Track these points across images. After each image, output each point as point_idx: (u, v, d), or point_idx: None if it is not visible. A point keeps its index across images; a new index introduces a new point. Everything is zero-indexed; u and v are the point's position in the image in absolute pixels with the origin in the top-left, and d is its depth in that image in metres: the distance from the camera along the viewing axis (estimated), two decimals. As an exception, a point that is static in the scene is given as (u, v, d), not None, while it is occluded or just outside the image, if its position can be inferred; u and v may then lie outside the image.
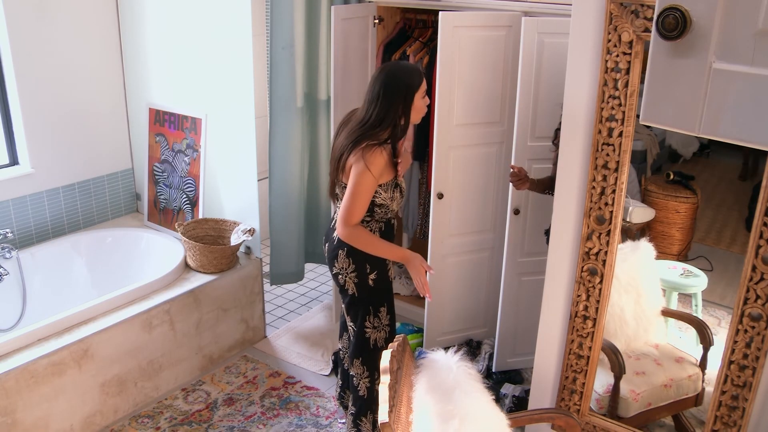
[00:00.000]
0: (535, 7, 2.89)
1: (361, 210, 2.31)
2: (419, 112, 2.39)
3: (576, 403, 2.34)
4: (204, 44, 3.31)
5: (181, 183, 3.58)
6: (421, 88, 2.35)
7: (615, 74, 1.95)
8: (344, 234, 2.33)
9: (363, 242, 2.36)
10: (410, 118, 2.37)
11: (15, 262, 3.12)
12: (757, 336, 1.90)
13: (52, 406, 2.63)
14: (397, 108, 2.31)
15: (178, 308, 3.05)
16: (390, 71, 2.34)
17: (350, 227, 2.31)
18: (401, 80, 2.31)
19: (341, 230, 2.33)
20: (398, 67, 2.40)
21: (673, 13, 1.16)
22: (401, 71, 2.35)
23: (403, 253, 2.42)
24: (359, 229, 2.34)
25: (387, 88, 2.30)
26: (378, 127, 2.30)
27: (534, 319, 2.46)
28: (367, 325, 2.49)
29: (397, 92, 2.30)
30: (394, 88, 2.30)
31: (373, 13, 3.39)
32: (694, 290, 2.67)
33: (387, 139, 2.31)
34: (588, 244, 2.16)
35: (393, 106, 2.30)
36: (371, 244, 2.37)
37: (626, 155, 2.02)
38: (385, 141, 2.30)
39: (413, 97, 2.33)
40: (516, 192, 2.98)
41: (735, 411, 2.01)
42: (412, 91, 2.32)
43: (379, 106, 2.30)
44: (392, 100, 2.30)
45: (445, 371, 1.88)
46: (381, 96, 2.30)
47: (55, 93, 3.35)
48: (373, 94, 2.32)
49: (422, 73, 2.40)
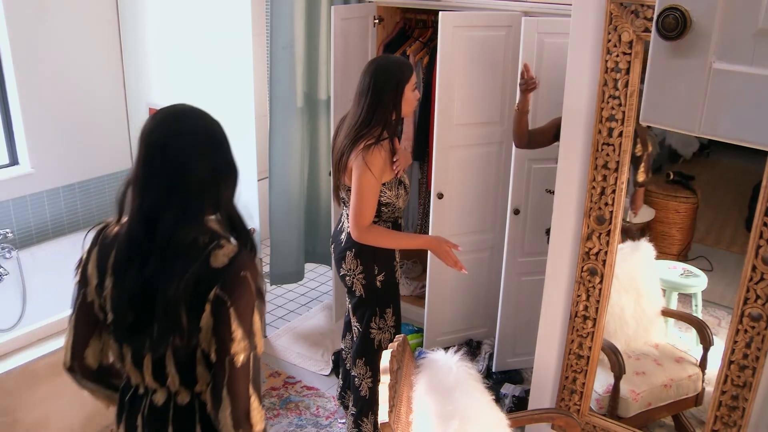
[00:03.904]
0: (535, 7, 2.89)
1: (370, 210, 2.31)
2: (410, 104, 2.37)
3: (576, 403, 2.34)
4: (204, 44, 3.31)
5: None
6: (411, 80, 2.34)
7: (615, 74, 1.95)
8: (360, 237, 2.32)
9: (381, 239, 2.35)
10: (401, 110, 2.35)
11: (15, 262, 3.12)
12: (757, 336, 1.90)
13: (52, 406, 2.63)
14: (388, 101, 2.30)
15: (178, 308, 3.05)
16: (379, 65, 2.34)
17: (363, 229, 2.31)
18: (391, 73, 2.31)
19: (356, 234, 2.32)
20: (387, 60, 2.39)
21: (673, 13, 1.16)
22: (390, 64, 2.34)
23: (424, 239, 2.43)
24: (373, 228, 2.34)
25: (376, 82, 2.30)
26: (371, 123, 2.29)
27: (534, 319, 2.46)
28: (372, 326, 2.49)
29: (387, 85, 2.29)
30: (384, 81, 2.29)
31: (373, 13, 3.39)
32: (694, 290, 2.67)
33: (382, 134, 2.30)
34: (588, 244, 2.16)
35: (383, 99, 2.29)
36: (389, 238, 2.37)
37: (626, 155, 2.02)
38: (380, 137, 2.29)
39: (403, 89, 2.32)
40: (516, 192, 2.98)
41: (735, 411, 2.01)
42: (402, 83, 2.31)
43: (369, 99, 2.30)
44: (382, 93, 2.29)
45: (445, 371, 1.88)
46: (371, 90, 2.30)
47: (55, 93, 3.35)
48: (362, 88, 2.32)
49: (411, 66, 2.40)
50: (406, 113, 2.41)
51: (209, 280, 1.33)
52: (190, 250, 1.35)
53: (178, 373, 1.39)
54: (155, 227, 1.34)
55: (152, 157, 1.34)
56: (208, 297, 1.33)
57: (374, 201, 2.31)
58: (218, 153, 1.40)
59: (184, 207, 1.34)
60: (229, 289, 1.33)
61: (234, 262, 1.35)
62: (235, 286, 1.34)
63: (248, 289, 1.35)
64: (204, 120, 1.41)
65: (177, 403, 1.44)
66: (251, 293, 1.35)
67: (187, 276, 1.33)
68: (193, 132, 1.37)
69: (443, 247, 2.37)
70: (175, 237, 1.34)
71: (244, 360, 1.34)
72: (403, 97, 2.33)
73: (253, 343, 1.36)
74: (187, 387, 1.43)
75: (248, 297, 1.35)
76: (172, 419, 1.44)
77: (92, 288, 1.44)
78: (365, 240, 2.33)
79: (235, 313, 1.33)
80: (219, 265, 1.34)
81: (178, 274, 1.33)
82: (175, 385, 1.41)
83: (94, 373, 1.55)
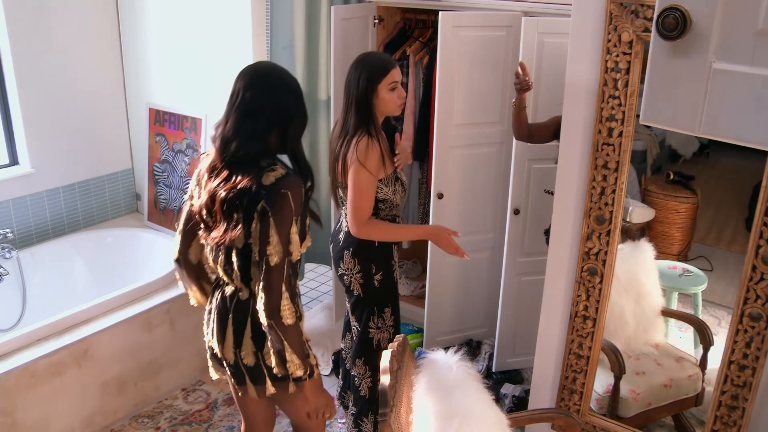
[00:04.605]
0: (535, 7, 2.89)
1: (368, 205, 2.31)
2: (388, 103, 2.31)
3: (576, 403, 2.34)
4: (204, 44, 3.31)
5: (181, 183, 3.58)
6: (385, 79, 2.27)
7: (615, 74, 1.95)
8: (359, 232, 2.32)
9: (380, 233, 2.35)
10: (378, 109, 2.31)
11: (15, 262, 3.12)
12: (757, 336, 1.90)
13: (52, 406, 2.63)
14: (363, 100, 2.28)
15: (178, 308, 3.05)
16: (354, 62, 2.33)
17: (362, 223, 2.31)
18: (360, 72, 2.28)
19: (355, 230, 2.32)
20: (365, 58, 2.35)
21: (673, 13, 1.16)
22: (365, 62, 2.31)
23: (423, 229, 2.43)
24: (372, 222, 2.33)
25: (348, 80, 2.30)
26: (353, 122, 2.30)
27: (534, 319, 2.46)
28: (370, 326, 2.49)
29: (357, 85, 2.27)
30: (356, 81, 2.28)
31: (373, 13, 3.39)
32: (694, 290, 2.67)
33: (369, 132, 2.28)
34: (588, 244, 2.16)
35: (357, 98, 2.28)
36: (389, 231, 2.37)
37: (626, 155, 2.02)
38: (369, 132, 2.28)
39: (375, 89, 2.27)
40: (516, 192, 2.98)
41: (735, 411, 2.01)
42: (371, 83, 2.27)
43: (345, 99, 2.31)
44: (356, 92, 2.28)
45: (445, 371, 1.87)
46: (346, 88, 2.31)
47: (55, 93, 3.35)
48: (344, 85, 2.33)
49: (388, 64, 2.31)
50: (388, 112, 2.36)
51: (259, 194, 1.70)
52: (250, 167, 1.74)
53: (239, 270, 1.79)
54: (230, 147, 1.74)
55: (236, 95, 1.77)
56: (257, 208, 1.70)
57: (371, 196, 2.31)
58: (287, 97, 1.78)
59: (252, 131, 1.74)
60: (272, 203, 1.69)
61: (279, 182, 1.72)
62: (277, 201, 1.69)
63: (287, 205, 1.70)
64: (278, 72, 1.81)
65: (239, 297, 1.86)
66: (290, 209, 1.71)
67: (241, 186, 1.70)
68: (268, 78, 1.78)
69: (443, 234, 2.36)
70: (240, 154, 1.74)
71: (278, 261, 1.69)
72: (378, 97, 2.29)
73: (288, 250, 1.72)
74: (246, 285, 1.83)
75: (287, 211, 1.70)
76: (233, 309, 1.86)
77: (193, 200, 1.88)
78: (365, 234, 2.33)
79: (274, 222, 1.69)
80: (267, 183, 1.71)
81: (233, 181, 1.71)
82: (239, 281, 1.82)
83: (194, 268, 2.00)
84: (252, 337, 1.84)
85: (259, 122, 1.75)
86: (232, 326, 1.86)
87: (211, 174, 1.79)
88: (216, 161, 1.79)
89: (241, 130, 1.74)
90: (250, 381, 1.89)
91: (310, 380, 1.82)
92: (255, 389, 1.92)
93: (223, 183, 1.74)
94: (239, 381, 1.92)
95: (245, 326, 1.85)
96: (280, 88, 1.78)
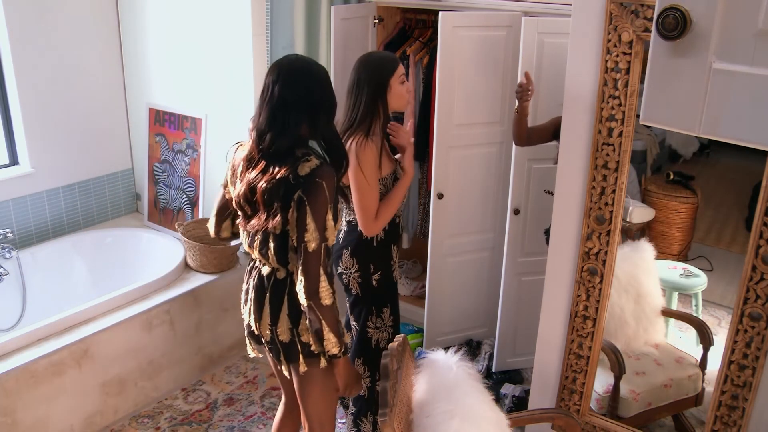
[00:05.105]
0: (535, 7, 2.89)
1: (373, 202, 2.31)
2: (399, 97, 2.35)
3: (576, 403, 2.34)
4: (204, 44, 3.31)
5: (181, 183, 3.58)
6: (396, 72, 2.33)
7: (615, 74, 1.95)
8: (372, 228, 2.33)
9: (388, 213, 2.35)
10: (389, 104, 2.34)
11: (15, 262, 3.12)
12: (757, 336, 1.90)
13: (52, 406, 2.63)
14: (373, 96, 2.30)
15: (178, 308, 3.05)
16: (362, 61, 2.35)
17: (372, 219, 2.32)
18: (373, 67, 2.31)
19: (368, 229, 2.33)
20: (371, 56, 2.41)
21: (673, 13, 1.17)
22: (372, 59, 2.35)
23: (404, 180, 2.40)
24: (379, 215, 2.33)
25: (360, 78, 2.31)
26: (356, 120, 2.30)
27: (534, 319, 2.46)
28: (369, 326, 2.49)
29: (371, 80, 2.29)
30: (367, 77, 2.30)
31: (373, 13, 3.39)
32: (694, 290, 2.67)
33: (371, 128, 2.29)
34: (588, 244, 2.16)
35: (368, 95, 2.30)
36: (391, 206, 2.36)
37: (626, 155, 2.02)
38: (369, 131, 2.29)
39: (388, 83, 2.31)
40: (516, 192, 2.98)
41: (735, 411, 2.01)
42: (385, 77, 2.31)
43: (355, 97, 2.31)
44: (366, 89, 2.29)
45: (445, 371, 1.88)
46: (355, 86, 2.31)
47: (55, 93, 3.35)
48: (349, 86, 2.34)
49: (396, 58, 2.39)
50: (398, 107, 2.39)
51: (295, 184, 1.80)
52: (286, 157, 1.83)
53: (275, 254, 1.90)
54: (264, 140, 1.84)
55: (267, 88, 1.86)
56: (294, 197, 1.80)
57: (373, 193, 2.31)
58: (314, 87, 1.86)
59: (284, 124, 1.83)
60: (308, 192, 1.79)
61: (314, 172, 1.80)
62: (312, 190, 1.79)
63: (323, 194, 1.80)
64: (305, 63, 1.90)
65: (276, 277, 1.96)
66: (325, 197, 1.80)
67: (279, 176, 1.80)
68: (295, 71, 1.86)
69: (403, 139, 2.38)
70: (274, 145, 1.83)
71: (315, 247, 1.80)
72: (391, 91, 2.33)
73: (324, 236, 1.82)
74: (283, 266, 1.93)
75: (322, 200, 1.80)
76: (270, 288, 1.97)
77: (228, 187, 2.01)
78: (378, 229, 2.35)
79: (311, 210, 1.79)
80: (303, 174, 1.80)
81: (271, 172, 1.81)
82: (275, 262, 1.92)
83: (229, 239, 2.17)
84: (288, 314, 1.95)
85: (290, 115, 1.83)
86: (269, 304, 1.96)
87: (248, 165, 1.88)
88: (253, 152, 1.88)
89: (274, 124, 1.84)
90: (284, 358, 2.01)
91: (343, 357, 1.94)
92: (288, 366, 2.03)
93: (262, 174, 1.83)
94: (276, 356, 2.04)
95: (282, 304, 1.95)
96: (308, 79, 1.86)
